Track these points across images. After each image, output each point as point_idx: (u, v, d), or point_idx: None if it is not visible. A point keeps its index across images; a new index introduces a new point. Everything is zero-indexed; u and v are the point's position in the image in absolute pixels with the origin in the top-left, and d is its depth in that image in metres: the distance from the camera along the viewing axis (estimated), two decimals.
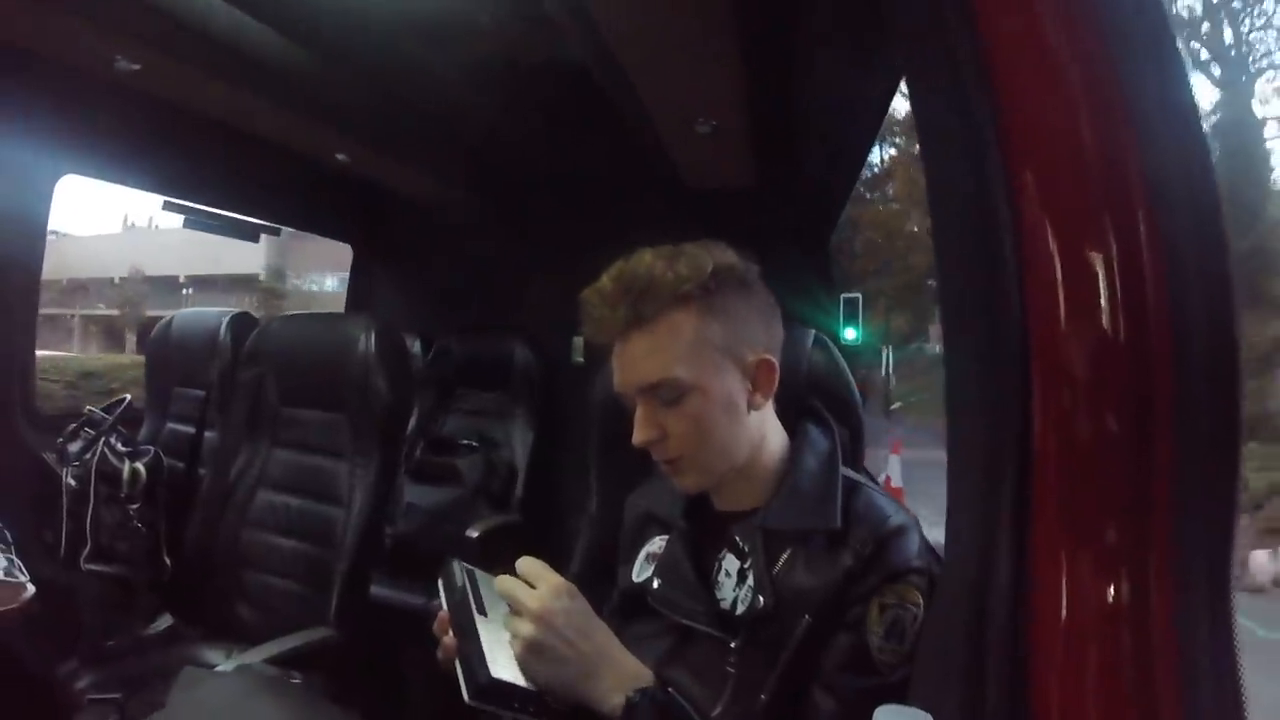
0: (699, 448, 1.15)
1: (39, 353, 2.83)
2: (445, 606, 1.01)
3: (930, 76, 0.75)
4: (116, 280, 25.82)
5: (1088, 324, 0.56)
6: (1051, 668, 0.56)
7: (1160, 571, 0.56)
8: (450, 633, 1.00)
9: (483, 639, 0.94)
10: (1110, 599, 0.56)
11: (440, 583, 1.03)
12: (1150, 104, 0.58)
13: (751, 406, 1.18)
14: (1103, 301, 0.56)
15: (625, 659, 1.04)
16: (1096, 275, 0.56)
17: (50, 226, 2.71)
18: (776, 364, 1.20)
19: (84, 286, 25.87)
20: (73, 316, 26.60)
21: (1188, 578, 0.56)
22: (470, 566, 1.06)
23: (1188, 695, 0.55)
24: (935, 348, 18.53)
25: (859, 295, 5.58)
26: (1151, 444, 0.55)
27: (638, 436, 1.15)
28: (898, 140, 19.57)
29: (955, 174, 0.70)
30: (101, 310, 26.94)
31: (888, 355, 19.16)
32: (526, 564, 1.02)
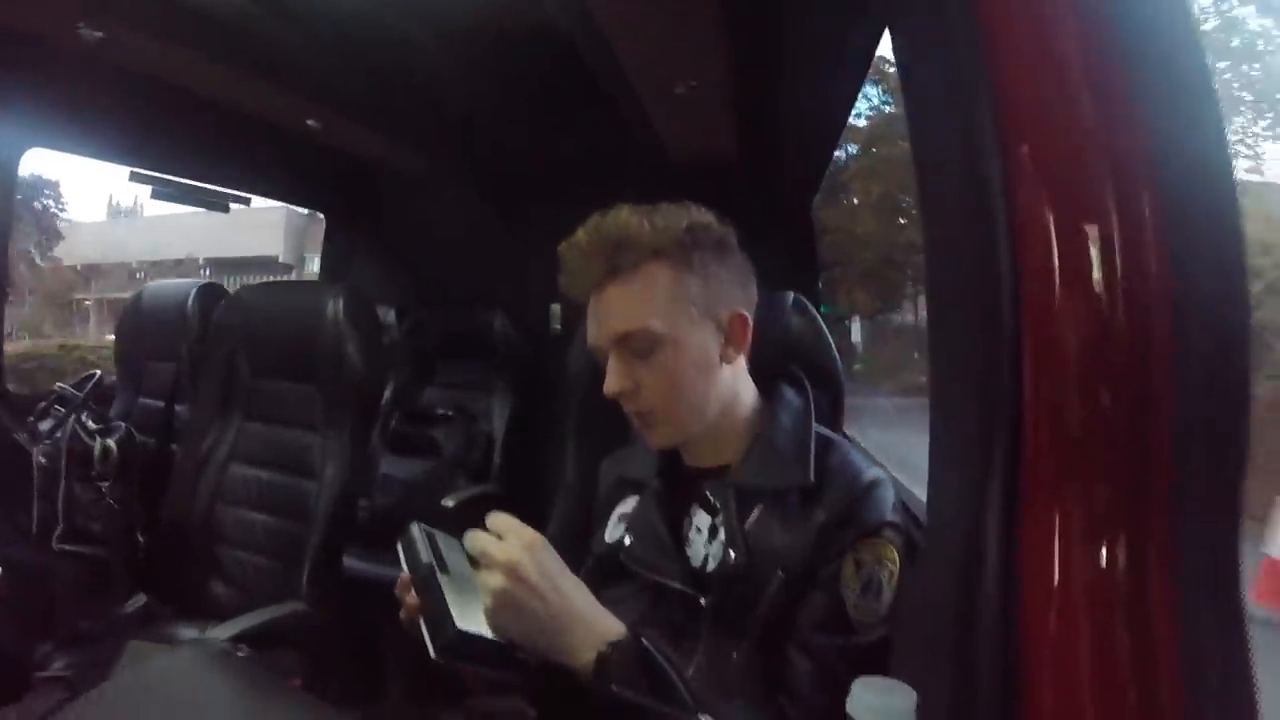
0: (670, 400, 1.16)
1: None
2: (406, 568, 0.98)
3: (919, 31, 0.72)
4: (135, 264, 25.73)
5: (1084, 300, 0.54)
6: (1044, 648, 0.55)
7: (1160, 551, 0.54)
8: (412, 593, 0.98)
9: (447, 595, 0.91)
10: (1104, 579, 0.54)
11: (400, 546, 1.01)
12: (1156, 70, 0.56)
13: (724, 360, 1.19)
14: (1100, 276, 0.53)
15: (598, 612, 1.00)
16: (1094, 249, 0.53)
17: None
18: (750, 319, 1.21)
19: (100, 271, 25.77)
20: (88, 301, 26.56)
21: (1188, 557, 0.54)
22: (430, 529, 1.04)
23: (1189, 672, 0.53)
24: (900, 318, 21.19)
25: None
26: (1149, 421, 0.53)
27: (609, 387, 1.16)
28: (853, 149, 19.76)
29: (944, 142, 0.67)
30: (116, 295, 26.92)
31: (854, 325, 20.32)
32: (496, 519, 0.99)
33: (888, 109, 19.12)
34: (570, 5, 2.02)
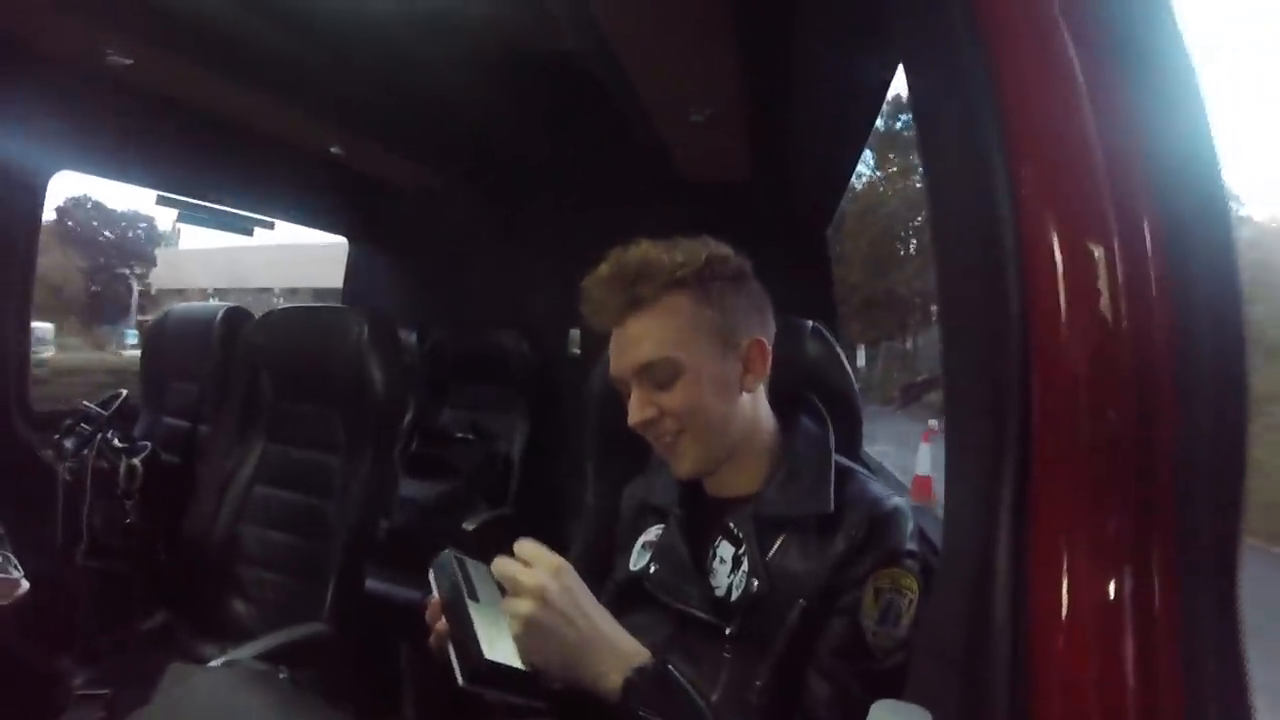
0: (694, 426, 1.17)
1: None
2: (436, 594, 1.00)
3: (929, 65, 0.74)
4: (210, 290, 26.31)
5: (1089, 318, 0.55)
6: (1053, 664, 0.56)
7: (1164, 567, 0.55)
8: (442, 619, 0.99)
9: (475, 623, 0.93)
10: (1112, 596, 0.55)
11: (431, 572, 1.02)
12: (1155, 96, 0.57)
13: (743, 388, 1.21)
14: (1104, 295, 0.55)
15: (623, 638, 1.02)
16: (1098, 268, 0.55)
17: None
18: (769, 347, 1.23)
19: (183, 294, 26.37)
20: None
21: (1193, 572, 0.55)
22: (461, 555, 1.05)
23: (1191, 690, 0.54)
24: (899, 345, 23.36)
25: None
26: (1154, 438, 0.54)
27: (633, 418, 1.18)
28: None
29: (954, 165, 0.69)
30: None
31: (860, 351, 21.89)
32: (524, 546, 1.01)
33: (877, 174, 23.59)
34: (587, 35, 2.05)
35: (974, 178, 0.62)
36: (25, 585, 1.80)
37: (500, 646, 0.93)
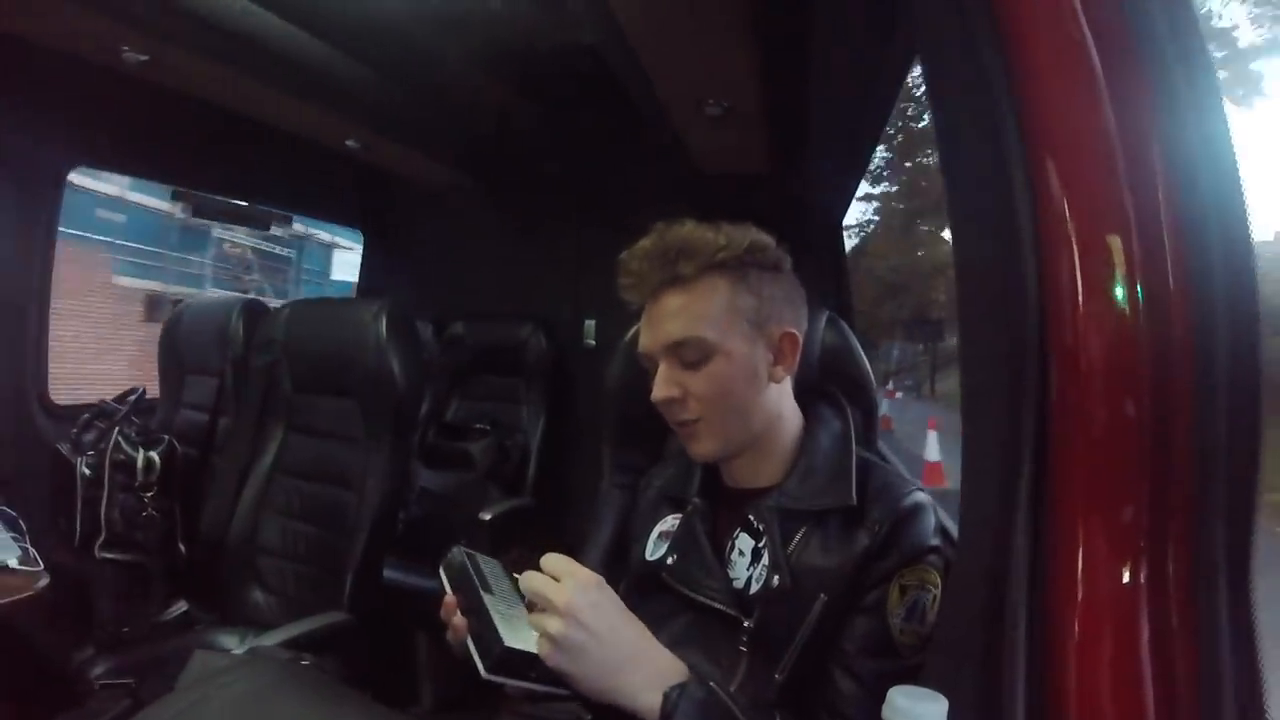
0: (717, 411, 1.16)
1: None
2: (450, 590, 1.00)
3: (947, 58, 0.74)
4: None
5: (1107, 310, 0.55)
6: (1069, 653, 0.56)
7: (1179, 557, 0.55)
8: (458, 615, 0.98)
9: (492, 614, 0.92)
10: (1128, 586, 0.56)
11: (442, 570, 1.02)
12: (1173, 88, 0.57)
13: (772, 379, 1.20)
14: (1122, 288, 0.55)
15: (659, 653, 0.99)
16: (1116, 261, 0.55)
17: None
18: (800, 340, 1.23)
19: None
20: None
21: (1207, 563, 0.55)
22: (470, 550, 1.05)
23: (1207, 681, 0.54)
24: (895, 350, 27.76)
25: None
26: (1171, 430, 0.55)
27: (658, 393, 1.17)
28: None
29: (972, 160, 0.69)
30: None
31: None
32: (552, 560, 0.96)
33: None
34: (602, 28, 2.04)
35: (992, 171, 0.62)
36: (46, 577, 1.82)
37: (518, 635, 0.91)
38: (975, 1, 0.62)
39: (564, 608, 0.91)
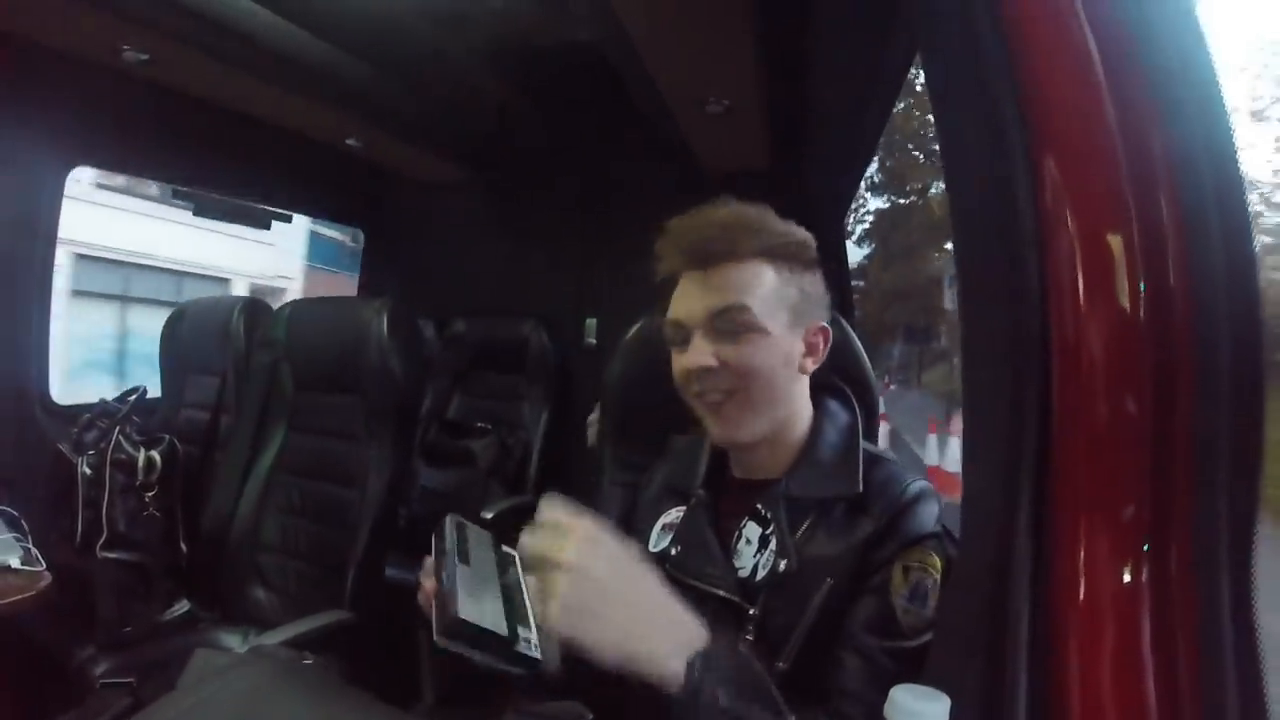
0: (751, 388, 1.16)
1: None
2: (433, 555, 0.99)
3: (948, 54, 0.74)
4: None
5: (1109, 306, 0.56)
6: (1071, 648, 0.56)
7: (1181, 553, 0.55)
8: (430, 579, 0.99)
9: (458, 582, 0.87)
10: (1130, 583, 0.56)
11: (433, 538, 1.01)
12: (1174, 84, 0.57)
13: (801, 370, 1.22)
14: (1124, 284, 0.55)
15: (681, 613, 0.89)
16: (1117, 257, 0.55)
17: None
18: (830, 336, 1.25)
19: None
20: None
21: (1209, 560, 0.55)
22: (464, 520, 1.04)
23: (1208, 675, 0.54)
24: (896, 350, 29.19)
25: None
26: (1171, 426, 0.55)
27: (693, 360, 1.16)
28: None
29: (973, 155, 0.69)
30: None
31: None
32: (548, 510, 0.88)
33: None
34: (603, 25, 2.04)
35: (993, 167, 0.62)
36: (48, 577, 1.82)
37: (482, 609, 0.86)
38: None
39: (569, 564, 0.82)
